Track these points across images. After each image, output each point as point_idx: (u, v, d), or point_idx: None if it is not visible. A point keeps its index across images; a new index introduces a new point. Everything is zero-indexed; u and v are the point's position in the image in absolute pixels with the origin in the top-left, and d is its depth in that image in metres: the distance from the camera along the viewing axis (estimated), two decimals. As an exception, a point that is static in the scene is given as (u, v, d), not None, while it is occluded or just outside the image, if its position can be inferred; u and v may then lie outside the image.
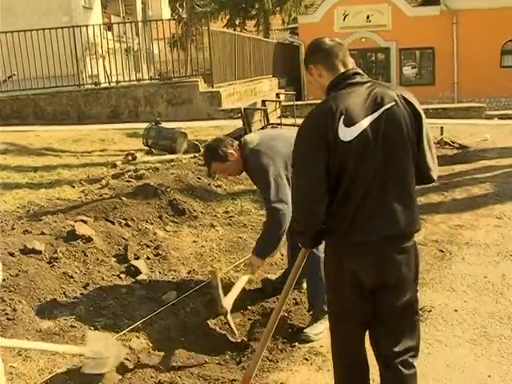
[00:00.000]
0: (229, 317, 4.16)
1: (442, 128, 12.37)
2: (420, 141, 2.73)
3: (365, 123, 2.58)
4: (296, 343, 4.10)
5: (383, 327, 2.76)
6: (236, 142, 4.31)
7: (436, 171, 2.84)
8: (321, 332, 4.16)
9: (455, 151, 11.80)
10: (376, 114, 2.60)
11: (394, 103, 2.64)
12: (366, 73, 2.82)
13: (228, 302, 4.16)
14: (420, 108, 2.73)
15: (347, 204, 2.62)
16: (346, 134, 2.56)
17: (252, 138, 4.33)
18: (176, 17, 29.79)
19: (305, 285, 4.86)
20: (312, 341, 4.10)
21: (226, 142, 4.28)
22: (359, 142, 2.57)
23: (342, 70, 2.74)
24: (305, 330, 4.17)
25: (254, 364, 3.38)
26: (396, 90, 2.72)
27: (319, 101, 2.81)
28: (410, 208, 2.68)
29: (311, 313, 4.34)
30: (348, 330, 2.84)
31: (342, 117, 2.57)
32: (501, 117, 17.32)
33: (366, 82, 2.71)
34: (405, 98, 2.69)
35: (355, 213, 2.61)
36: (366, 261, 2.65)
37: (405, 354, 2.74)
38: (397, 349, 2.73)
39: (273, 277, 5.01)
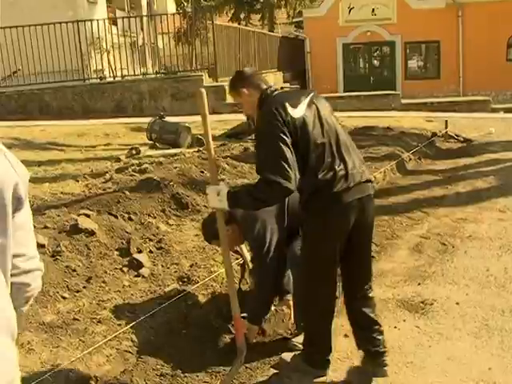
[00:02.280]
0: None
1: (446, 121, 12.37)
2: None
3: (304, 104, 3.33)
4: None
5: (360, 263, 3.57)
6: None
7: None
8: None
9: (459, 145, 11.79)
10: (307, 99, 3.38)
11: (314, 93, 3.51)
12: (370, 66, 3.48)
13: None
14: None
15: (325, 165, 3.27)
16: (295, 112, 3.27)
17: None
18: (181, 11, 29.76)
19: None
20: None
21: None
22: (309, 115, 3.30)
23: (265, 86, 3.51)
24: (293, 340, 4.03)
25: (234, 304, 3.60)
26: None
27: (324, 94, 3.73)
28: (361, 160, 3.48)
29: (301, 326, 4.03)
30: (330, 279, 3.49)
31: (287, 103, 3.29)
32: (506, 110, 17.27)
33: (285, 90, 3.77)
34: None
35: (333, 168, 3.27)
36: (350, 206, 3.30)
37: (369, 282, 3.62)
38: (367, 279, 3.60)
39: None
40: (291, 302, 4.24)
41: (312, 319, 3.61)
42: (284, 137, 3.17)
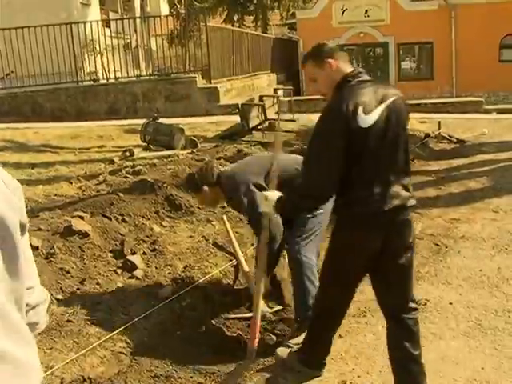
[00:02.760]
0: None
1: (439, 122, 12.41)
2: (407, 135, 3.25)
3: (378, 111, 3.00)
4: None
5: (389, 284, 3.25)
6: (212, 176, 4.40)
7: None
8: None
9: (453, 145, 11.83)
10: (387, 103, 3.04)
11: (396, 97, 3.11)
12: (364, 67, 3.25)
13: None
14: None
15: (366, 180, 3.02)
16: (365, 120, 2.96)
17: (225, 169, 4.56)
18: (174, 13, 29.76)
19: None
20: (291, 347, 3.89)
21: (204, 176, 4.39)
22: (375, 126, 2.98)
23: (350, 69, 3.16)
24: (290, 341, 3.96)
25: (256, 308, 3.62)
26: (393, 87, 3.25)
27: (317, 96, 3.35)
28: (407, 185, 3.14)
29: (297, 325, 4.07)
30: (345, 290, 3.36)
31: (361, 107, 2.95)
32: (499, 111, 17.33)
33: (370, 80, 3.16)
34: (401, 96, 3.17)
35: (372, 187, 3.01)
36: (379, 228, 3.07)
37: (411, 311, 3.25)
38: (404, 303, 3.24)
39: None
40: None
41: (318, 322, 3.54)
42: (339, 143, 2.96)
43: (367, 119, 2.96)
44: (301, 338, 3.83)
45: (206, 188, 4.32)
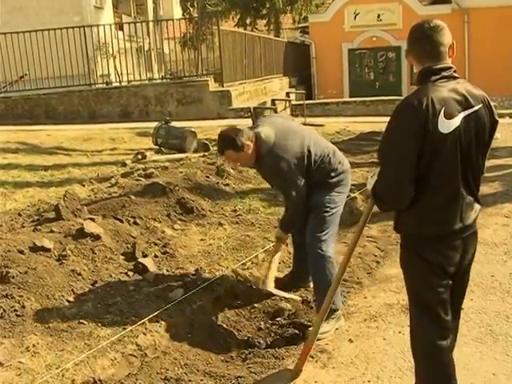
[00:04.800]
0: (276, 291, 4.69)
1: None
2: (488, 145, 2.88)
3: (459, 118, 2.67)
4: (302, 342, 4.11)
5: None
6: (252, 134, 4.22)
7: None
8: (327, 331, 4.14)
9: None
10: (468, 112, 2.70)
11: (481, 105, 2.75)
12: (376, 72, 2.92)
13: (268, 284, 4.66)
14: (497, 115, 2.87)
15: (435, 194, 2.73)
16: (445, 125, 2.64)
17: (267, 135, 4.24)
18: (187, 16, 29.89)
19: (311, 284, 4.87)
20: (318, 339, 4.08)
21: (244, 133, 4.19)
22: (453, 135, 2.66)
23: (436, 61, 2.75)
24: (310, 329, 4.05)
25: (315, 334, 3.54)
26: (481, 91, 2.82)
27: (329, 100, 2.94)
28: (476, 202, 2.87)
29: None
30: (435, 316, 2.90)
31: (443, 109, 2.64)
32: (512, 116, 17.25)
33: (457, 78, 2.77)
34: (488, 102, 2.81)
35: (441, 203, 2.74)
36: (451, 248, 2.80)
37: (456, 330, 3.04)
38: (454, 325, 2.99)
39: (280, 275, 5.04)
40: None
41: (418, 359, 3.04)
42: (413, 144, 2.65)
43: (448, 124, 2.64)
44: (323, 327, 3.95)
45: (248, 143, 4.16)
